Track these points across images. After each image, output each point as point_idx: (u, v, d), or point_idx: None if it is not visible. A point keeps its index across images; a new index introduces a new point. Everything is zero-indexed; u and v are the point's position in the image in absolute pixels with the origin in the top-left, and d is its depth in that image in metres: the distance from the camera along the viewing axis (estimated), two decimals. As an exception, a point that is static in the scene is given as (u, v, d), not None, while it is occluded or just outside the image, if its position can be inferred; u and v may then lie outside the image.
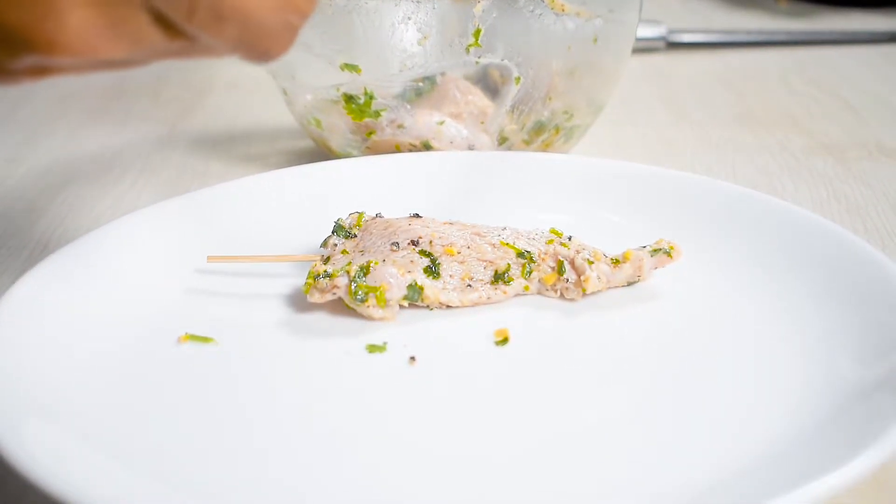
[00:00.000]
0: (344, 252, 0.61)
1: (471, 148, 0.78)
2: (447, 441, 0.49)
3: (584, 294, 0.61)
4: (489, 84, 0.77)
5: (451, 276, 0.60)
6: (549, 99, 0.78)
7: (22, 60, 0.40)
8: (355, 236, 0.62)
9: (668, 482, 0.46)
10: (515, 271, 0.61)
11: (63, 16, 0.38)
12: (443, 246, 0.60)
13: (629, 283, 0.62)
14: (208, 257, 0.62)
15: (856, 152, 0.89)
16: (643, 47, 1.19)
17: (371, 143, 0.78)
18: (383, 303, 0.58)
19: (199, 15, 0.40)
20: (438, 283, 0.60)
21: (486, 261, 0.61)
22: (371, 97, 0.76)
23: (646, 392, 0.52)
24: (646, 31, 1.18)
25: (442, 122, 0.76)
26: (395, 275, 0.58)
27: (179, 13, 0.40)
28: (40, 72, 0.41)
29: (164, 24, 0.41)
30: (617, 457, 0.48)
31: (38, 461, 0.44)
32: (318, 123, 0.80)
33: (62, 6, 0.38)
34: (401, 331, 0.58)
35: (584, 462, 0.47)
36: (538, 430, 0.50)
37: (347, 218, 0.63)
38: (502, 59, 0.75)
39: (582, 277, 0.60)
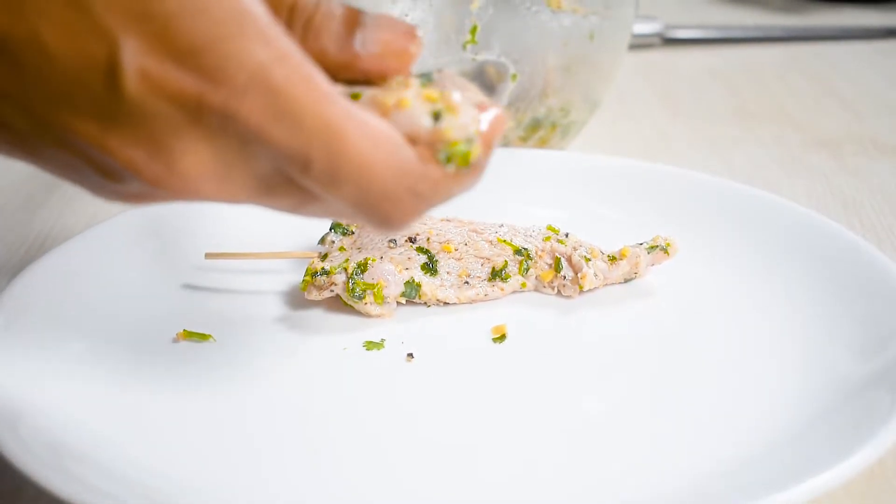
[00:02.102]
0: (341, 249, 0.61)
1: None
2: (444, 437, 0.49)
3: (581, 291, 0.61)
4: (486, 81, 0.77)
5: (448, 272, 0.60)
6: (546, 95, 0.78)
7: (129, 186, 0.38)
8: (353, 233, 0.62)
9: (665, 477, 0.46)
10: (513, 268, 0.61)
11: (175, 158, 0.37)
12: (440, 243, 0.60)
13: (626, 280, 0.62)
14: (206, 254, 0.62)
15: (851, 147, 0.90)
16: (639, 43, 1.18)
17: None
18: (381, 300, 0.58)
19: (315, 170, 0.37)
20: (436, 280, 0.60)
21: (483, 258, 0.61)
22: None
23: (642, 388, 0.53)
24: (641, 27, 1.18)
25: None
26: (392, 272, 0.58)
27: (294, 166, 0.37)
28: (142, 198, 0.39)
29: (281, 175, 0.38)
30: (614, 452, 0.48)
31: (35, 456, 0.44)
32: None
33: (177, 150, 0.36)
34: (398, 327, 0.58)
35: (582, 457, 0.48)
36: (535, 426, 0.50)
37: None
38: (499, 56, 0.75)
39: (579, 274, 0.60)
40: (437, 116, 0.39)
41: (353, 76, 0.41)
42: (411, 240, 0.60)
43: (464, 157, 0.38)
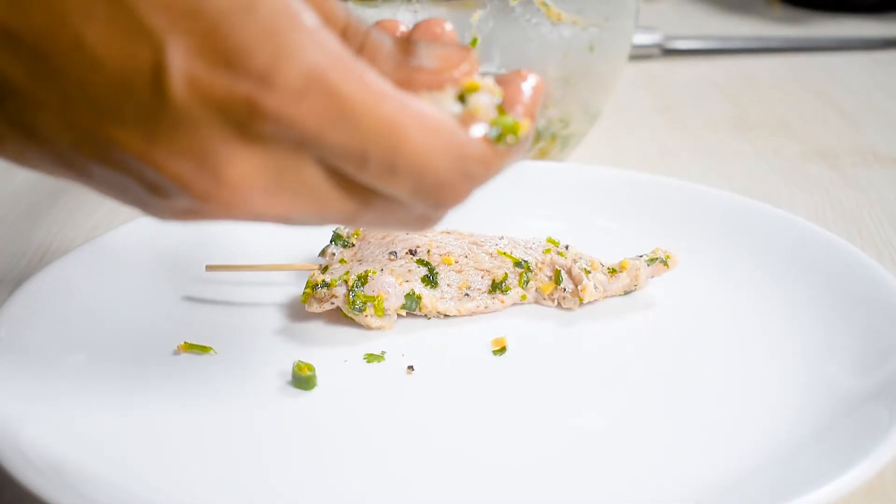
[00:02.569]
0: (342, 261, 0.61)
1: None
2: (445, 449, 0.49)
3: (581, 303, 0.61)
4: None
5: (448, 285, 0.60)
6: (546, 107, 0.78)
7: (178, 203, 0.36)
8: (353, 245, 0.62)
9: (664, 491, 0.46)
10: (513, 280, 0.61)
11: (223, 169, 0.35)
12: (440, 255, 0.60)
13: (626, 292, 0.62)
14: (207, 266, 0.62)
15: (850, 159, 0.90)
16: (639, 54, 1.19)
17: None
18: (381, 312, 0.58)
19: (373, 166, 0.36)
20: (436, 293, 0.60)
21: (483, 270, 0.61)
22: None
23: (642, 401, 0.53)
24: (641, 38, 1.19)
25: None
26: (392, 284, 0.59)
27: (351, 164, 0.36)
28: (192, 215, 0.37)
29: (337, 177, 0.37)
30: (613, 466, 0.48)
31: (36, 469, 0.44)
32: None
33: (222, 157, 0.35)
34: (398, 340, 0.58)
35: (582, 470, 0.48)
36: (536, 438, 0.50)
37: (345, 227, 0.63)
38: (499, 68, 0.75)
39: (579, 287, 0.60)
40: (486, 97, 0.39)
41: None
42: (412, 252, 0.60)
43: (514, 132, 0.38)
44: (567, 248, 0.62)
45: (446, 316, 0.60)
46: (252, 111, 0.35)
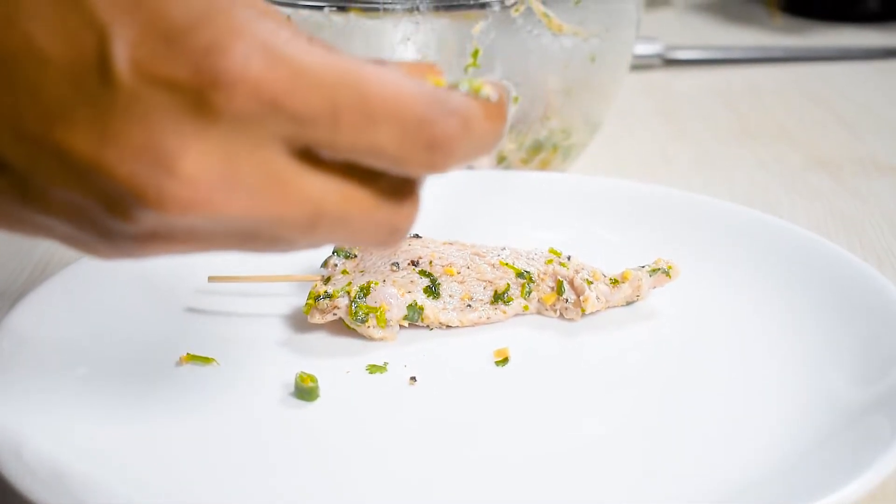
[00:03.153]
0: (344, 272, 0.61)
1: (469, 167, 0.78)
2: (447, 461, 0.49)
3: (584, 314, 0.61)
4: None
5: (450, 296, 0.60)
6: (547, 118, 0.78)
7: (138, 222, 0.34)
8: (355, 256, 0.62)
9: (666, 502, 0.46)
10: (515, 291, 0.61)
11: (176, 161, 0.33)
12: (442, 266, 0.60)
13: (628, 303, 0.62)
14: (209, 277, 0.62)
15: (851, 168, 0.90)
16: (640, 64, 1.19)
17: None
18: (383, 323, 0.58)
19: (346, 119, 0.34)
20: (438, 303, 0.60)
21: (485, 281, 0.61)
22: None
23: (644, 411, 0.53)
24: (642, 49, 1.19)
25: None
26: (395, 295, 0.59)
27: (322, 124, 0.34)
28: (151, 239, 0.36)
29: (306, 156, 0.35)
30: (615, 476, 0.48)
31: (39, 481, 0.44)
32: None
33: (175, 148, 0.33)
34: (401, 351, 0.58)
35: (584, 480, 0.48)
36: (538, 449, 0.50)
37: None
38: (500, 79, 0.75)
39: (581, 297, 0.60)
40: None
41: None
42: (414, 263, 0.60)
43: (476, 87, 0.37)
44: (569, 258, 0.63)
45: (448, 327, 0.60)
46: (200, 88, 0.33)
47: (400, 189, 0.38)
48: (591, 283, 0.61)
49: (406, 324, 0.59)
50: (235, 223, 0.35)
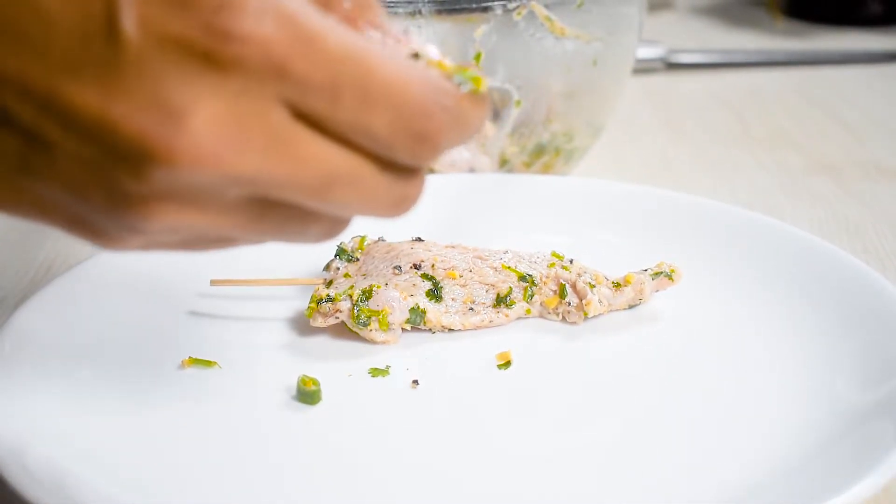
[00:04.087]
0: (346, 276, 0.61)
1: (472, 170, 0.78)
2: (450, 464, 0.49)
3: (586, 317, 0.61)
4: (490, 107, 0.77)
5: (453, 299, 0.60)
6: (550, 121, 0.78)
7: (148, 180, 0.34)
8: (358, 260, 0.62)
9: (671, 506, 0.46)
10: (517, 294, 0.61)
11: (185, 116, 0.33)
12: (445, 269, 0.60)
13: (630, 306, 0.62)
14: (211, 281, 0.62)
15: (854, 172, 0.90)
16: (642, 68, 1.19)
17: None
18: (385, 326, 0.58)
19: (346, 95, 0.35)
20: (440, 307, 0.60)
21: (487, 284, 0.61)
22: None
23: (646, 415, 0.53)
24: (645, 52, 1.19)
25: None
26: (397, 298, 0.59)
27: (323, 96, 0.35)
28: (174, 204, 0.35)
29: (309, 123, 0.35)
30: (618, 479, 0.48)
31: (41, 485, 0.44)
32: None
33: (184, 101, 0.33)
34: (403, 354, 0.58)
35: (586, 484, 0.48)
36: (540, 452, 0.50)
37: (350, 241, 0.63)
38: (503, 83, 0.75)
39: (583, 301, 0.60)
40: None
41: None
42: (416, 266, 0.60)
43: (476, 80, 0.38)
44: (571, 262, 0.63)
45: (451, 330, 0.60)
46: (209, 45, 0.33)
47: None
48: (594, 286, 0.61)
49: (408, 327, 0.59)
50: (247, 185, 0.36)
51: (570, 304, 0.61)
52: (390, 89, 0.36)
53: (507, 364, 0.57)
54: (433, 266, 0.61)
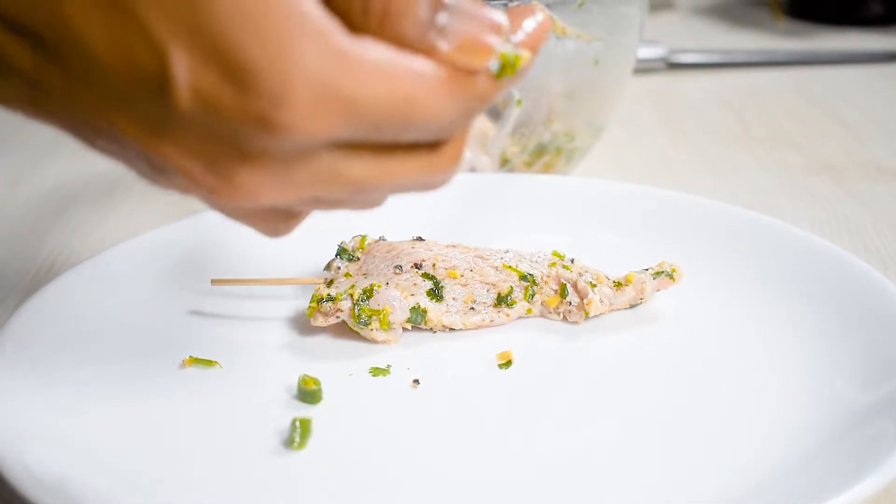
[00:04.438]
0: (347, 275, 0.61)
1: (473, 170, 0.78)
2: (451, 464, 0.49)
3: (587, 317, 0.61)
4: (491, 106, 0.77)
5: (454, 298, 0.60)
6: (551, 121, 0.78)
7: (178, 183, 0.37)
8: (358, 259, 0.62)
9: (671, 505, 0.46)
10: (518, 294, 0.61)
11: (232, 172, 0.36)
12: (446, 269, 0.60)
13: (631, 306, 0.62)
14: (212, 280, 0.62)
15: (854, 172, 0.90)
16: (643, 68, 1.19)
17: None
18: (386, 326, 0.58)
19: (386, 133, 0.37)
20: (441, 306, 0.60)
21: (488, 283, 0.61)
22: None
23: (647, 414, 0.53)
24: (646, 52, 1.19)
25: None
26: (398, 298, 0.59)
27: (367, 136, 0.37)
28: (194, 193, 0.38)
29: (347, 147, 0.38)
30: (617, 479, 0.48)
31: (41, 484, 0.44)
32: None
33: (232, 163, 0.36)
34: (404, 353, 0.58)
35: (587, 484, 0.48)
36: (541, 451, 0.50)
37: (351, 241, 0.63)
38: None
39: (584, 300, 0.60)
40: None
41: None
42: (417, 266, 0.60)
43: (514, 65, 0.38)
44: (572, 261, 0.63)
45: (452, 329, 0.60)
46: (265, 128, 0.34)
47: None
48: (595, 285, 0.61)
49: (409, 326, 0.59)
50: (282, 204, 0.39)
51: (571, 303, 0.61)
52: (427, 121, 0.37)
53: (508, 364, 0.57)
54: (434, 265, 0.61)
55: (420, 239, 0.64)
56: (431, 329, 0.60)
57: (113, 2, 0.33)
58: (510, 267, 0.61)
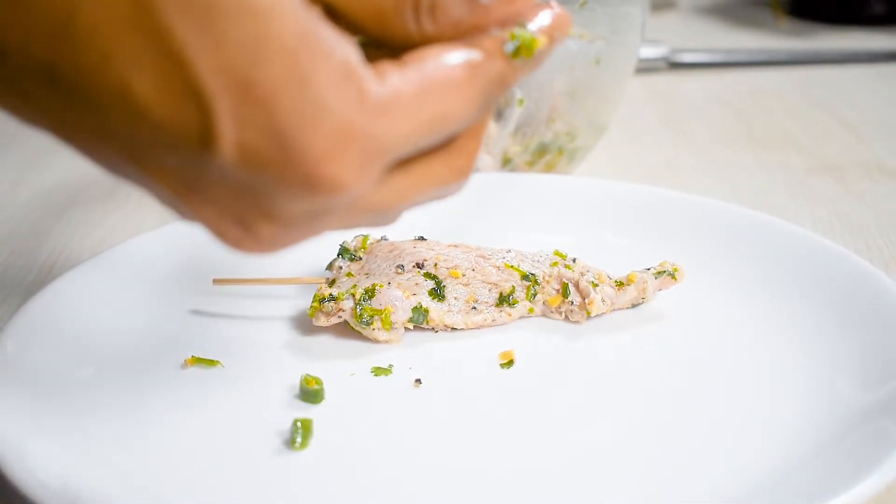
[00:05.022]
0: (349, 275, 0.61)
1: (474, 170, 0.78)
2: (452, 463, 0.49)
3: (589, 316, 0.61)
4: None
5: (455, 298, 0.60)
6: (552, 120, 0.78)
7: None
8: (360, 259, 0.62)
9: (674, 505, 0.46)
10: (520, 294, 0.61)
11: (259, 228, 0.37)
12: (447, 268, 0.60)
13: (633, 305, 0.62)
14: (214, 280, 0.62)
15: (856, 172, 0.90)
16: (645, 67, 1.19)
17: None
18: (388, 325, 0.58)
19: (426, 143, 0.38)
20: (443, 306, 0.60)
21: (490, 283, 0.61)
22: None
23: (649, 414, 0.53)
24: (647, 52, 1.19)
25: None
26: (400, 297, 0.59)
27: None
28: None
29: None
30: (619, 479, 0.48)
31: (43, 485, 0.44)
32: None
33: (262, 221, 0.36)
34: (406, 353, 0.58)
35: (590, 483, 0.47)
36: (543, 451, 0.50)
37: (353, 241, 0.63)
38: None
39: (586, 300, 0.60)
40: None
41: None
42: (419, 265, 0.60)
43: (531, 47, 0.39)
44: (574, 261, 0.62)
45: (454, 329, 0.60)
46: (310, 188, 0.35)
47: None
48: (597, 285, 0.60)
49: (411, 326, 0.59)
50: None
51: (572, 303, 0.61)
52: (452, 129, 0.38)
53: (510, 363, 0.57)
54: (436, 265, 0.61)
55: (422, 238, 0.64)
56: (433, 329, 0.60)
57: (166, 51, 0.32)
58: (512, 266, 0.61)
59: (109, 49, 0.32)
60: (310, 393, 0.54)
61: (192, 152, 0.33)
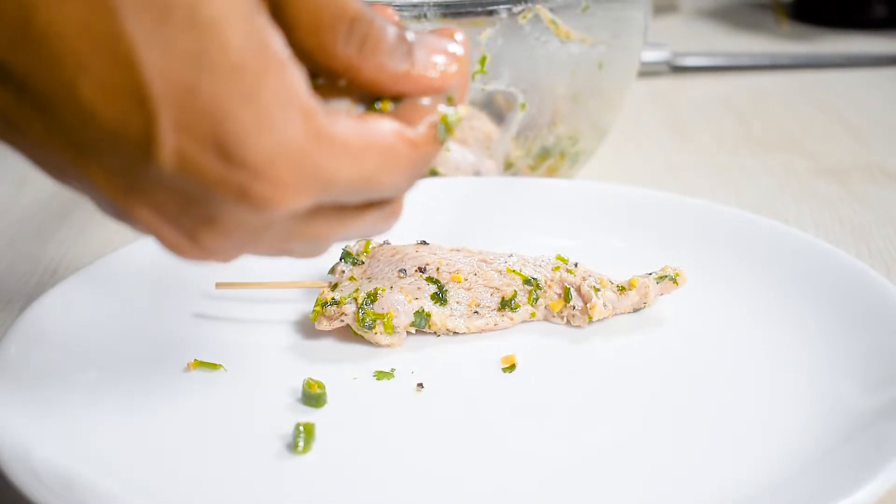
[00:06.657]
0: (351, 279, 0.61)
1: (477, 174, 0.78)
2: (455, 467, 0.49)
3: (591, 321, 0.61)
4: (495, 110, 0.77)
5: (458, 302, 0.60)
6: (555, 124, 0.79)
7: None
8: (363, 263, 0.62)
9: (675, 509, 0.46)
10: (522, 298, 0.61)
11: (202, 235, 0.37)
12: (450, 273, 0.61)
13: (635, 310, 0.62)
14: (217, 283, 0.62)
15: (859, 175, 0.90)
16: (647, 71, 1.19)
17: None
18: (391, 329, 0.58)
19: (348, 201, 0.39)
20: (445, 310, 0.60)
21: (492, 287, 0.61)
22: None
23: (651, 418, 0.53)
24: (649, 55, 1.19)
25: (448, 148, 0.77)
26: (402, 301, 0.59)
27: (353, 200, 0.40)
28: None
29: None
30: (622, 483, 0.48)
31: (46, 487, 0.44)
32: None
33: (202, 227, 0.37)
34: (408, 357, 0.58)
35: (592, 488, 0.48)
36: (545, 455, 0.50)
37: (355, 245, 0.63)
38: (508, 86, 0.75)
39: (588, 304, 0.60)
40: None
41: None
42: (421, 270, 0.61)
43: (455, 124, 0.41)
44: (576, 265, 0.63)
45: (456, 333, 0.60)
46: (244, 199, 0.35)
47: None
48: (599, 289, 0.61)
49: (413, 330, 0.60)
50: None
51: (574, 307, 0.61)
52: (384, 190, 0.40)
53: (512, 367, 0.57)
54: (438, 269, 0.61)
55: (424, 243, 0.64)
56: (435, 333, 0.60)
57: (116, 55, 0.33)
58: (514, 271, 0.61)
59: (60, 51, 0.33)
60: (312, 397, 0.54)
61: (134, 156, 0.34)
